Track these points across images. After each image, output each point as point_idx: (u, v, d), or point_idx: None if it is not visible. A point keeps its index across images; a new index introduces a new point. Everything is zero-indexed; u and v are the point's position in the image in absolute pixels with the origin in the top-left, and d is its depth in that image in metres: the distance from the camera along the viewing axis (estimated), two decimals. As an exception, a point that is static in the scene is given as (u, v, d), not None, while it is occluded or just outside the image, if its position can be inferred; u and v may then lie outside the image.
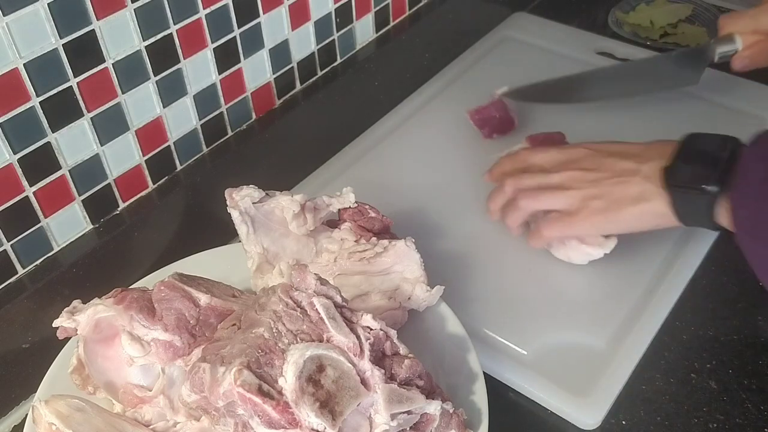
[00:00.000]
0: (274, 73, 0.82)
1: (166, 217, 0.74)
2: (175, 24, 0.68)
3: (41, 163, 0.64)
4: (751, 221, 0.57)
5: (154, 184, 0.74)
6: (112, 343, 0.57)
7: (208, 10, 0.71)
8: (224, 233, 0.73)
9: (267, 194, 0.65)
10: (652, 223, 0.66)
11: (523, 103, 0.89)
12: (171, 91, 0.71)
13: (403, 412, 0.50)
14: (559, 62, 0.98)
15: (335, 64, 0.89)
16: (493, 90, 0.90)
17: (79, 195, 0.68)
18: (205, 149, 0.78)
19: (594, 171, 0.68)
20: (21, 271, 0.66)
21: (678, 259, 0.73)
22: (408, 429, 0.51)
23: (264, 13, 0.77)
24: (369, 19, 0.91)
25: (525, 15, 1.09)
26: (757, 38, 0.76)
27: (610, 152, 0.69)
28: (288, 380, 0.48)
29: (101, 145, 0.68)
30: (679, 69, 0.82)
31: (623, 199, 0.66)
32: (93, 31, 0.62)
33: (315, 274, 0.53)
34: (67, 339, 0.60)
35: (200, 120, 0.76)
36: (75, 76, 0.63)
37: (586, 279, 0.72)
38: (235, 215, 0.64)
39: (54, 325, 0.57)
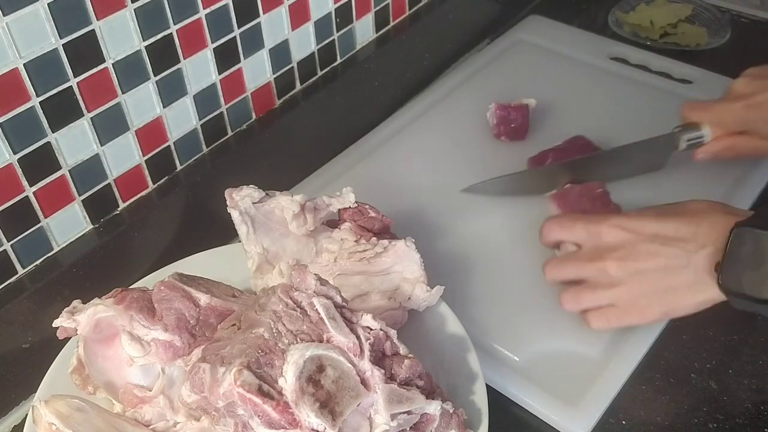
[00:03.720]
0: (274, 73, 0.82)
1: (166, 217, 0.74)
2: (175, 24, 0.68)
3: (41, 163, 0.64)
4: None
5: (154, 184, 0.74)
6: (112, 343, 0.57)
7: (208, 10, 0.71)
8: (224, 233, 0.73)
9: (267, 194, 0.65)
10: (707, 306, 0.62)
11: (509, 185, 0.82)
12: (171, 91, 0.71)
13: (403, 412, 0.50)
14: (572, 67, 0.98)
15: (335, 64, 0.89)
16: (518, 97, 0.89)
17: (79, 195, 0.68)
18: (205, 149, 0.78)
19: (638, 261, 0.62)
20: (21, 271, 0.66)
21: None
22: (408, 429, 0.51)
23: (264, 13, 0.77)
24: (369, 19, 0.91)
25: (538, 18, 1.08)
26: (719, 132, 0.74)
27: (653, 235, 0.62)
28: (288, 380, 0.48)
29: (101, 145, 0.68)
30: (646, 156, 0.79)
31: (677, 291, 0.61)
32: (93, 31, 0.62)
33: (315, 274, 0.53)
34: (67, 339, 0.60)
35: (200, 120, 0.76)
36: (75, 76, 0.63)
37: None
38: (235, 215, 0.64)
39: (54, 325, 0.57)
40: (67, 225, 0.68)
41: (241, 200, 0.64)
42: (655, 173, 0.81)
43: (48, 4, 0.58)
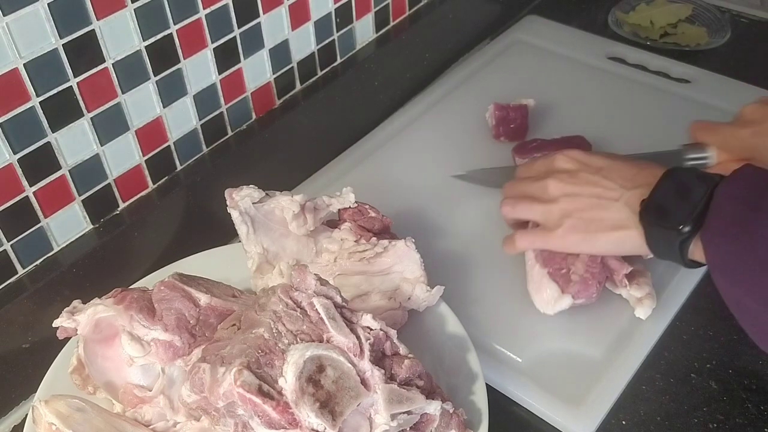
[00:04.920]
0: (274, 73, 0.82)
1: (166, 217, 0.74)
2: (175, 24, 0.68)
3: (41, 163, 0.64)
4: (722, 260, 0.55)
5: (154, 184, 0.74)
6: (112, 343, 0.57)
7: (208, 10, 0.71)
8: (224, 233, 0.73)
9: (267, 194, 0.65)
10: (628, 250, 0.65)
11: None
12: (171, 91, 0.71)
13: (403, 412, 0.50)
14: (570, 67, 0.98)
15: (335, 64, 0.89)
16: (517, 97, 0.89)
17: (79, 195, 0.68)
18: (205, 149, 0.78)
19: (576, 185, 0.66)
20: (21, 271, 0.66)
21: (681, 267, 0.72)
22: (408, 429, 0.51)
23: (264, 13, 0.77)
24: (369, 19, 0.91)
25: (536, 18, 1.09)
26: (725, 156, 0.73)
27: (599, 168, 0.66)
28: (288, 380, 0.48)
29: (101, 145, 0.68)
30: None
31: (601, 223, 0.64)
32: (93, 31, 0.62)
33: (315, 274, 0.53)
34: (67, 339, 0.60)
35: (200, 120, 0.76)
36: (75, 76, 0.63)
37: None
38: (235, 215, 0.64)
39: (54, 325, 0.57)
40: (67, 225, 0.68)
41: (241, 200, 0.64)
42: None
43: (48, 4, 0.58)
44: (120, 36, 0.64)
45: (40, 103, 0.61)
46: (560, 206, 0.66)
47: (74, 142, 0.65)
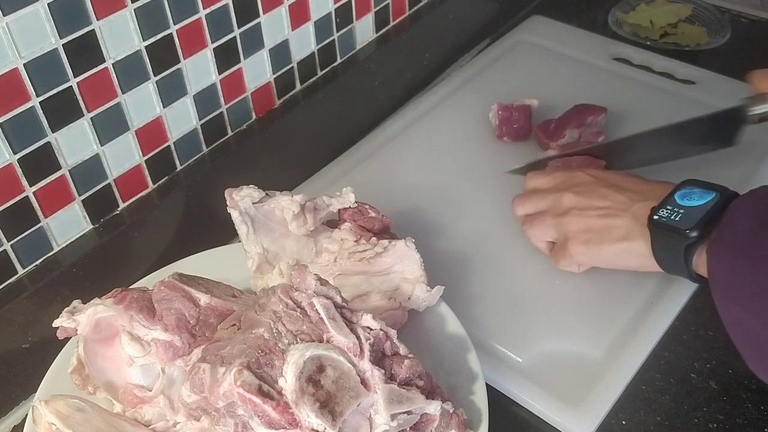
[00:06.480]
0: (274, 73, 0.82)
1: (166, 217, 0.74)
2: (175, 24, 0.68)
3: (41, 163, 0.64)
4: (725, 275, 0.55)
5: (154, 184, 0.74)
6: (112, 343, 0.57)
7: (208, 10, 0.71)
8: (224, 233, 0.73)
9: (267, 194, 0.65)
10: (633, 263, 0.65)
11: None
12: (171, 91, 0.71)
13: (403, 413, 0.50)
14: (574, 68, 0.98)
15: (335, 64, 0.89)
16: (521, 97, 0.89)
17: (79, 195, 0.68)
18: (205, 149, 0.78)
19: (588, 198, 0.67)
20: (21, 271, 0.66)
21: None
22: (408, 429, 0.51)
23: (264, 13, 0.77)
24: (369, 19, 0.91)
25: (541, 18, 1.08)
26: None
27: (611, 183, 0.67)
28: (288, 380, 0.48)
29: (101, 145, 0.68)
30: (710, 133, 0.74)
31: (607, 235, 0.65)
32: (93, 31, 0.62)
33: (315, 274, 0.53)
34: (67, 339, 0.60)
35: (200, 120, 0.76)
36: (75, 76, 0.63)
37: (588, 285, 0.71)
38: (235, 215, 0.64)
39: (54, 325, 0.57)
40: (67, 225, 0.68)
41: (241, 200, 0.64)
42: (727, 150, 0.74)
43: (48, 4, 0.58)
44: (120, 36, 0.64)
45: (40, 103, 0.61)
46: (570, 218, 0.67)
47: (74, 142, 0.65)
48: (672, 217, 0.60)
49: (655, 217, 0.61)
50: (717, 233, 0.57)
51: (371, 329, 0.52)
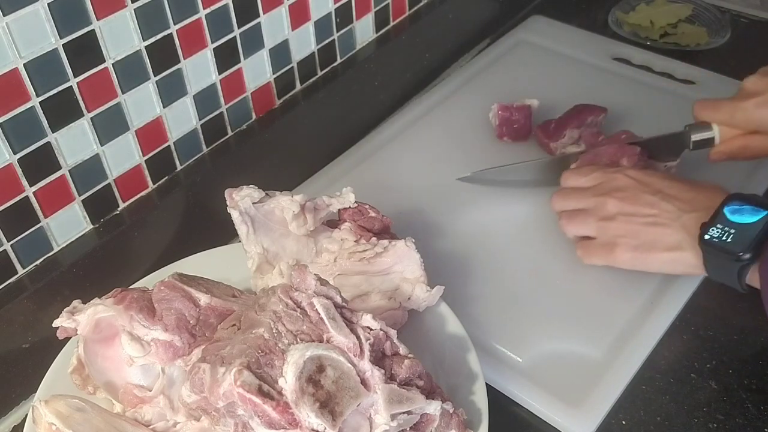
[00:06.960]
0: (274, 73, 0.82)
1: (166, 217, 0.74)
2: (175, 24, 0.68)
3: (41, 163, 0.64)
4: None
5: (154, 184, 0.74)
6: (112, 343, 0.57)
7: (208, 10, 0.71)
8: (224, 233, 0.73)
9: (267, 194, 0.65)
10: (681, 270, 0.66)
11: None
12: (171, 91, 0.71)
13: (403, 413, 0.50)
14: (574, 68, 0.98)
15: (335, 64, 0.89)
16: (521, 97, 0.89)
17: (79, 195, 0.68)
18: (205, 149, 0.78)
19: (635, 205, 0.67)
20: (21, 271, 0.66)
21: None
22: (408, 429, 0.51)
23: (264, 13, 0.77)
24: (369, 19, 0.91)
25: (541, 18, 1.08)
26: (733, 133, 0.72)
27: (656, 189, 0.67)
28: (288, 381, 0.48)
29: (101, 145, 0.68)
30: (658, 154, 0.78)
31: (656, 244, 0.65)
32: (93, 31, 0.62)
33: (315, 274, 0.53)
34: (67, 339, 0.60)
35: (200, 120, 0.76)
36: (75, 76, 0.63)
37: (589, 285, 0.71)
38: (235, 215, 0.64)
39: (54, 325, 0.57)
40: (67, 225, 0.68)
41: (241, 200, 0.64)
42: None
43: (48, 4, 0.58)
44: (120, 36, 0.64)
45: (40, 103, 0.61)
46: (617, 224, 0.67)
47: (74, 142, 0.65)
48: (724, 238, 0.60)
49: (707, 236, 0.61)
50: (766, 252, 0.57)
51: (371, 329, 0.52)
